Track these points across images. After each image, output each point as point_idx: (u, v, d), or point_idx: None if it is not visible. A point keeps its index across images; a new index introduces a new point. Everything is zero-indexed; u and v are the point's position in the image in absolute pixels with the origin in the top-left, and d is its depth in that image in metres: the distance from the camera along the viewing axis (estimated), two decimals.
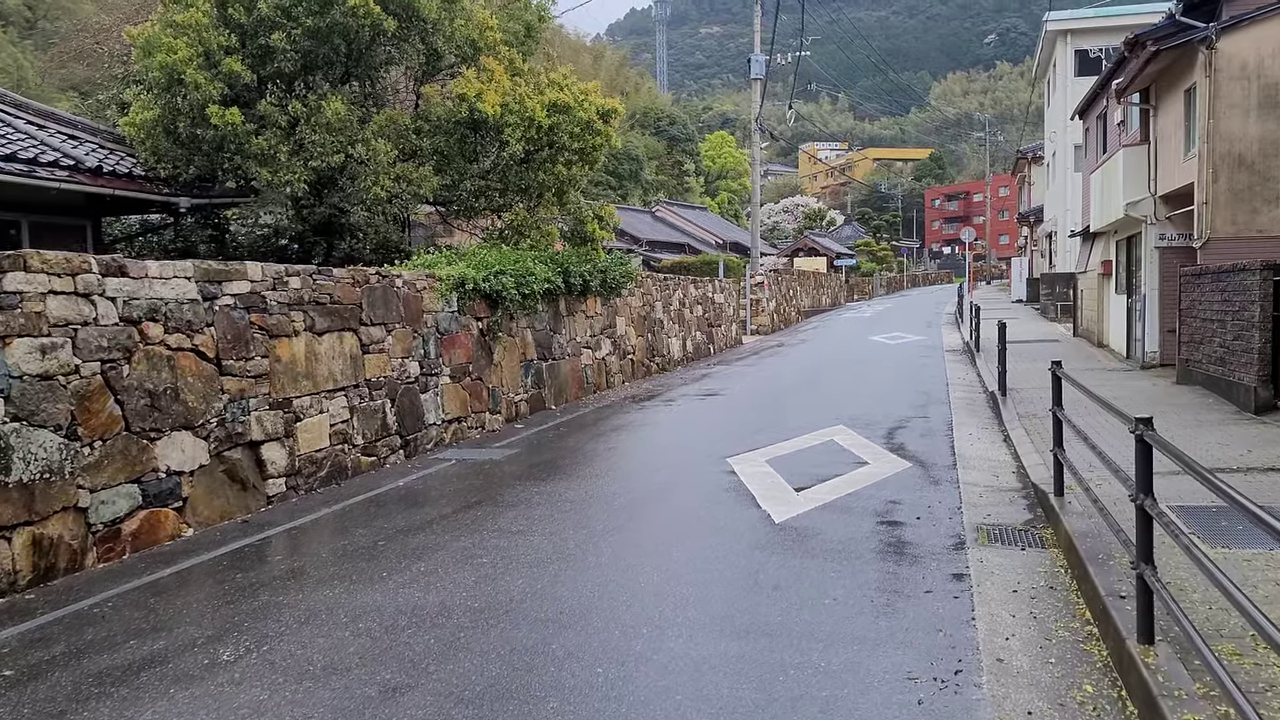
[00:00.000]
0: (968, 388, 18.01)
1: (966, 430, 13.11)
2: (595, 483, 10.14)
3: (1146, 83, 19.55)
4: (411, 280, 12.15)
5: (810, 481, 9.88)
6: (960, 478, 10.06)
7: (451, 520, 8.66)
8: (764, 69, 42.35)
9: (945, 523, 8.21)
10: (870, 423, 13.82)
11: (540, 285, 15.22)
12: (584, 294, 17.62)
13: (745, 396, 17.46)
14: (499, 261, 14.37)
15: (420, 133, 16.62)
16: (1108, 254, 24.46)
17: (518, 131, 16.36)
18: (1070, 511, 7.82)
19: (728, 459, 11.26)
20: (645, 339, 21.44)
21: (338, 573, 7.15)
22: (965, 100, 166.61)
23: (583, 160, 17.41)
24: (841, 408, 15.46)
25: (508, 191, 17.23)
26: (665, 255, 52.60)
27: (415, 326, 12.14)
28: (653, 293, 22.25)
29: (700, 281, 27.15)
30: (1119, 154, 20.73)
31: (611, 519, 8.54)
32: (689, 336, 25.22)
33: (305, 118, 15.51)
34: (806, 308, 47.76)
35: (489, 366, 14.04)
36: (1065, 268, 39.45)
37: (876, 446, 11.92)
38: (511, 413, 14.73)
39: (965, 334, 30.59)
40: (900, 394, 17.13)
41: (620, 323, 19.79)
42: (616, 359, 19.47)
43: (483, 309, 13.89)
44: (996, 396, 15.64)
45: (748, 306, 36.47)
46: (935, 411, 14.96)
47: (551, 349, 16.33)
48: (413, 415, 11.96)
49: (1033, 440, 11.75)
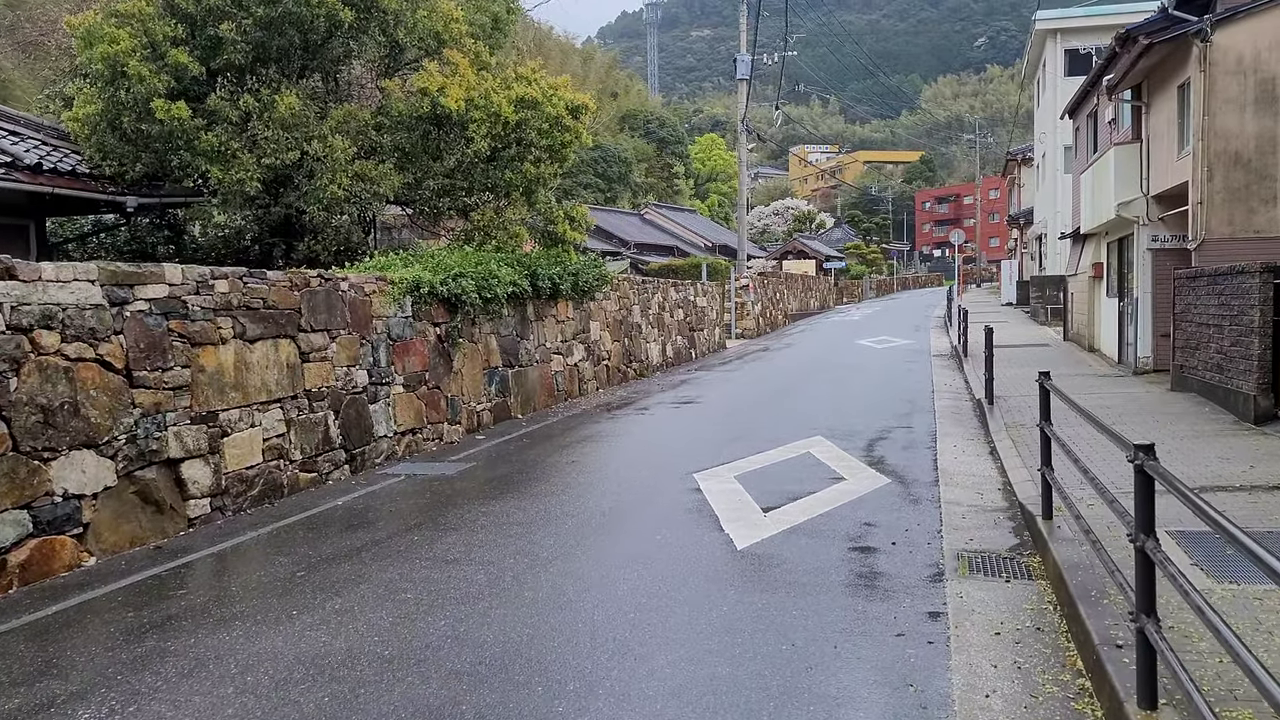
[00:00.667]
0: (954, 395, 17.30)
1: (951, 442, 12.40)
2: (548, 501, 9.39)
3: (1138, 79, 18.88)
4: (359, 283, 11.39)
5: (780, 501, 9.15)
6: (942, 496, 9.34)
7: (385, 546, 7.90)
8: (749, 69, 41.89)
9: (923, 549, 7.49)
10: (850, 433, 13.10)
11: (505, 288, 14.48)
12: (554, 298, 16.88)
13: (722, 404, 16.73)
14: (459, 264, 13.62)
15: (381, 129, 15.86)
16: (1099, 256, 23.80)
17: (483, 128, 15.61)
18: (1060, 538, 7.10)
19: (695, 474, 10.53)
20: (622, 344, 20.71)
21: (243, 610, 6.40)
22: (956, 103, 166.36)
23: (552, 158, 16.66)
24: (822, 417, 14.74)
25: (474, 191, 16.47)
26: (654, 258, 51.93)
27: (363, 333, 11.38)
28: (630, 296, 21.51)
29: (681, 284, 26.43)
30: (1110, 153, 20.06)
31: (558, 544, 7.79)
32: (669, 341, 24.49)
33: (258, 113, 14.74)
34: (794, 311, 47.08)
35: (448, 374, 13.29)
36: (1055, 270, 38.86)
37: (855, 460, 11.19)
38: (473, 423, 13.98)
39: (953, 338, 29.92)
40: (884, 402, 16.42)
41: (594, 327, 19.05)
42: (590, 365, 18.73)
43: (441, 314, 13.14)
44: (983, 405, 14.95)
45: (732, 310, 35.76)
46: (919, 421, 14.25)
47: (518, 355, 15.58)
48: (359, 427, 11.20)
49: (1020, 453, 11.04)
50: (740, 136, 44.56)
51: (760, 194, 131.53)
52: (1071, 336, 27.38)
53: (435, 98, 15.26)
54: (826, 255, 73.34)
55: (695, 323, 27.19)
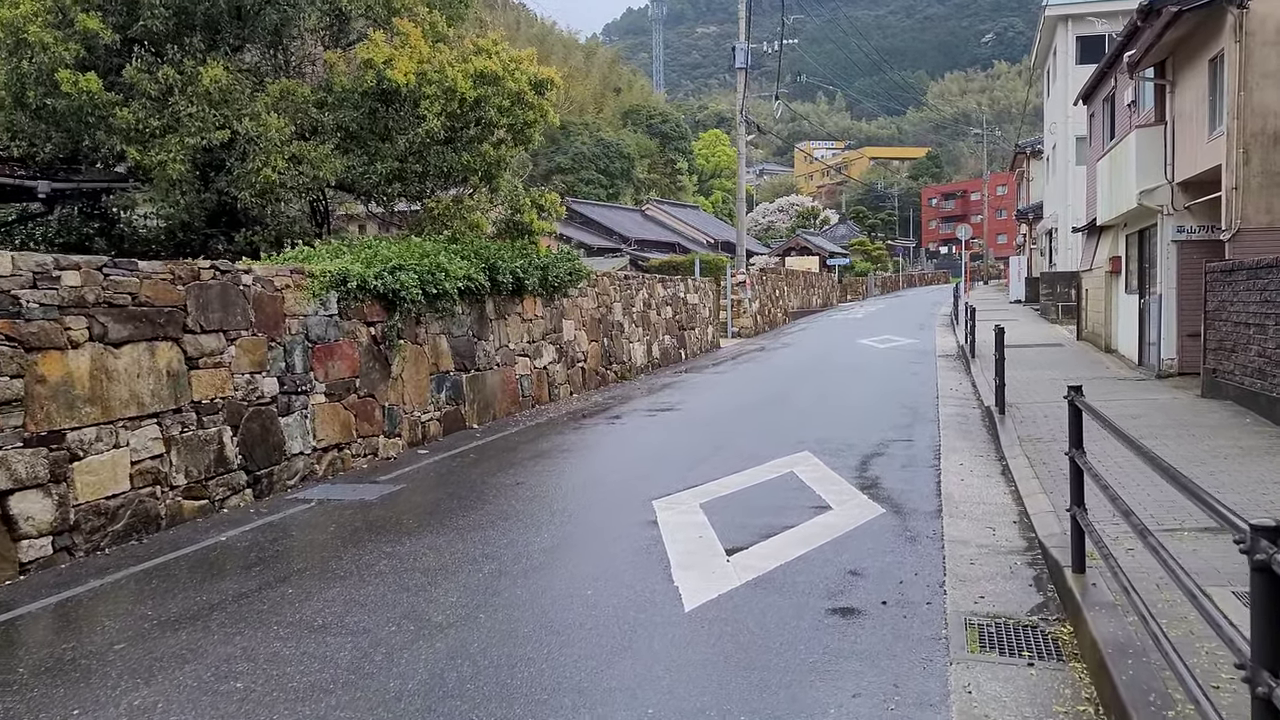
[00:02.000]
0: (961, 401, 15.68)
1: (957, 459, 10.78)
2: (471, 539, 7.79)
3: (1163, 54, 17.22)
4: (267, 277, 9.79)
5: (750, 538, 7.55)
6: (946, 532, 7.73)
7: (247, 602, 6.32)
8: (747, 58, 40.52)
9: (921, 611, 5.88)
10: (843, 448, 11.49)
11: (456, 284, 12.88)
12: (519, 294, 15.27)
13: (703, 412, 15.12)
14: (400, 255, 12.03)
15: (323, 106, 14.28)
16: (1116, 250, 22.14)
17: (436, 104, 14.03)
18: (1096, 602, 5.49)
19: (655, 501, 8.92)
20: (600, 344, 19.10)
21: (9, 708, 4.82)
22: (963, 100, 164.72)
23: (515, 139, 15.06)
24: (812, 427, 13.14)
25: (429, 176, 14.87)
26: (654, 254, 50.39)
27: (273, 334, 9.78)
28: (610, 293, 19.91)
29: (670, 281, 24.80)
30: (1131, 137, 18.40)
31: (461, 603, 6.20)
32: (655, 341, 22.88)
33: (180, 86, 13.18)
34: (795, 308, 45.44)
35: (384, 381, 11.69)
36: (1066, 266, 37.30)
37: (845, 483, 9.59)
38: (416, 435, 12.38)
39: (960, 337, 28.28)
40: (883, 409, 14.81)
41: (568, 326, 17.45)
42: (563, 368, 17.13)
43: (375, 312, 11.54)
44: (993, 414, 13.33)
45: (728, 308, 34.14)
46: (921, 432, 12.64)
47: (475, 358, 13.99)
48: (266, 445, 9.60)
49: (1038, 474, 9.43)
50: (739, 128, 43.12)
51: (765, 191, 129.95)
52: (1086, 336, 25.73)
53: (381, 71, 13.68)
54: (830, 252, 71.66)
55: (686, 321, 25.57)
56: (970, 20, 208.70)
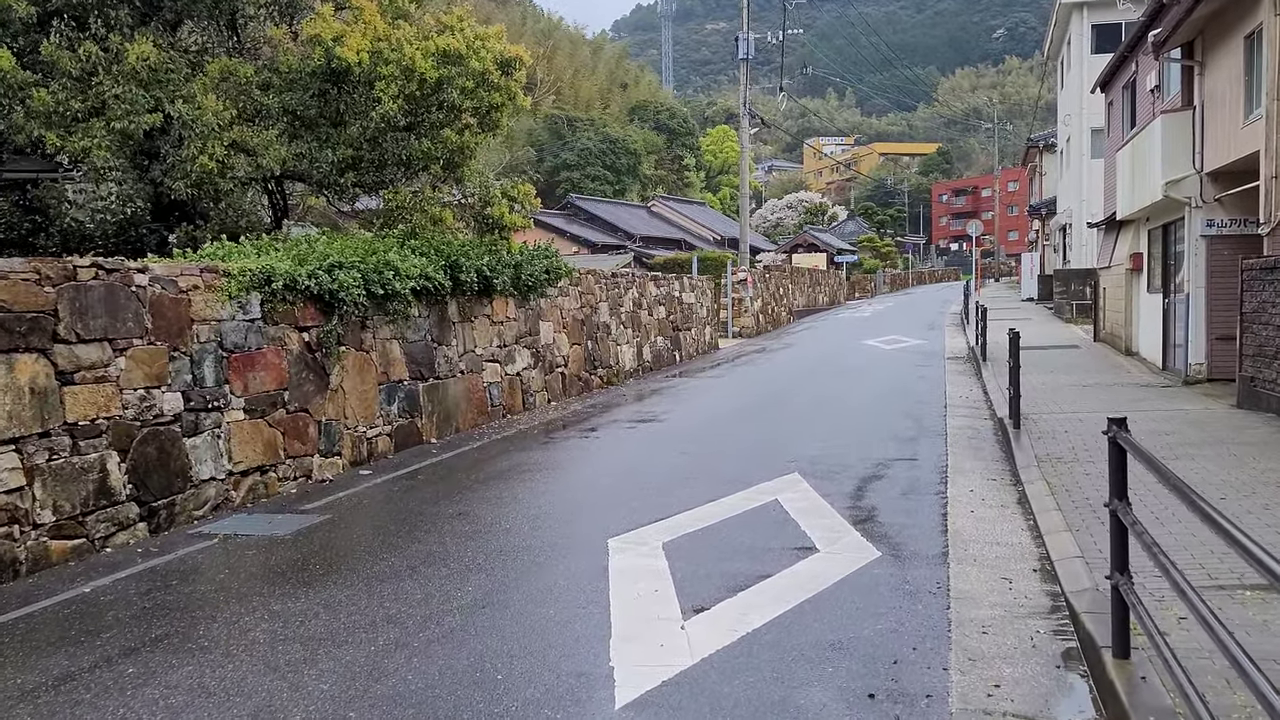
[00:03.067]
0: (971, 410, 14.34)
1: (967, 484, 9.44)
2: (380, 592, 6.48)
3: (1192, 32, 15.81)
4: (168, 277, 8.49)
5: (714, 593, 6.23)
6: (953, 584, 6.40)
7: (65, 690, 5.02)
8: (751, 48, 39.49)
9: (919, 710, 4.56)
10: (837, 469, 10.16)
11: (408, 283, 11.58)
12: (487, 294, 13.96)
13: (688, 423, 13.79)
14: (340, 252, 10.72)
15: (268, 88, 12.99)
16: (1137, 246, 20.74)
17: (393, 86, 12.72)
18: (1150, 710, 4.15)
19: (614, 539, 7.61)
20: (583, 347, 17.78)
21: None
22: (973, 95, 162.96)
23: (481, 125, 13.74)
24: (806, 442, 11.81)
25: (386, 165, 13.56)
26: (660, 252, 49.17)
27: (176, 342, 8.48)
28: (595, 292, 18.58)
29: (663, 279, 23.47)
30: (1156, 123, 17.00)
31: (330, 693, 4.88)
32: (646, 343, 21.55)
33: (105, 65, 11.91)
34: (801, 307, 44.06)
35: (321, 393, 10.39)
36: (1081, 263, 35.94)
37: (836, 515, 8.26)
38: (360, 453, 11.07)
39: (970, 337, 26.91)
40: (885, 420, 13.47)
41: (545, 329, 16.13)
42: (539, 373, 15.81)
43: (310, 315, 10.24)
44: (1007, 426, 11.99)
45: (729, 306, 32.79)
46: (927, 449, 11.29)
47: (434, 365, 12.68)
48: (166, 471, 8.30)
49: (1060, 505, 8.08)
50: (743, 120, 42.00)
51: (774, 188, 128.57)
52: (1104, 337, 24.32)
53: (330, 49, 12.38)
54: (838, 249, 70.23)
55: (681, 321, 24.23)
56: (981, 15, 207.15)
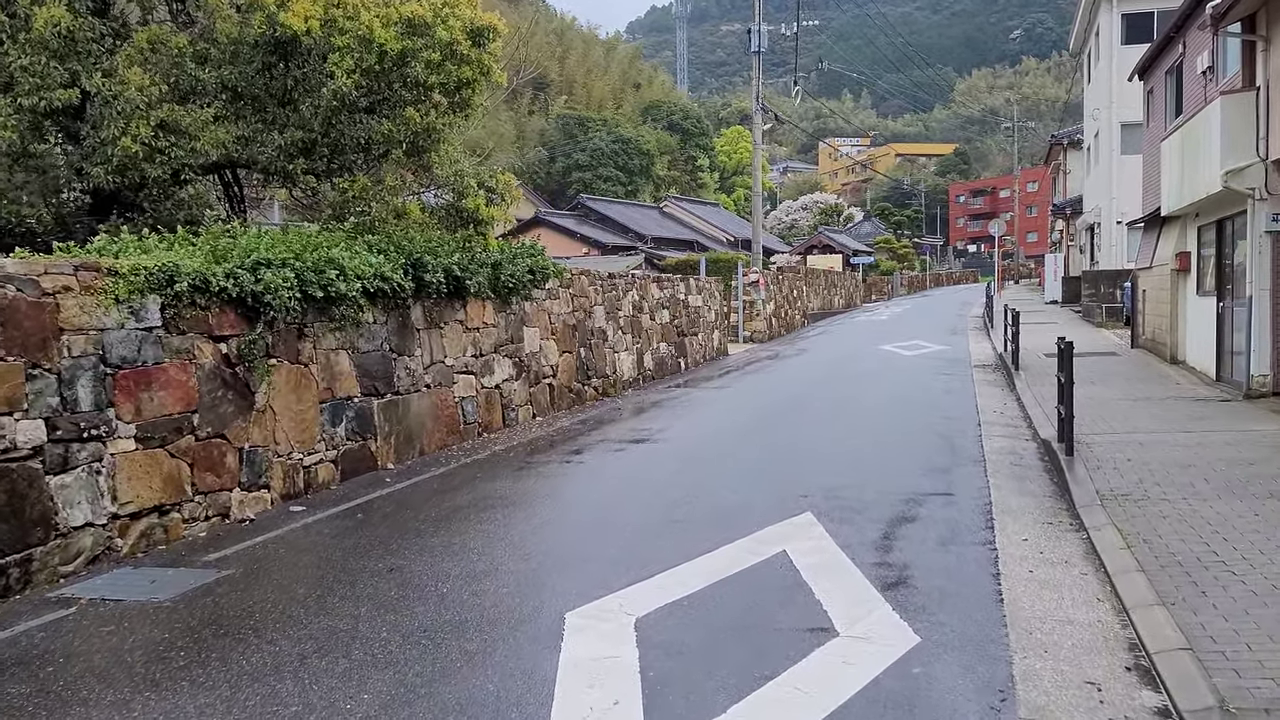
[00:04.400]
0: (1009, 429, 12.61)
1: (1018, 530, 7.71)
2: (244, 699, 4.79)
3: (1256, 3, 14.06)
4: (25, 276, 6.83)
5: (696, 711, 4.55)
6: (1020, 692, 4.69)
7: None
8: (763, 40, 37.92)
9: None
10: (857, 506, 8.46)
11: (358, 284, 9.93)
12: (458, 297, 12.30)
13: (686, 443, 12.09)
14: (270, 247, 9.08)
15: (205, 61, 11.36)
16: (1184, 244, 18.94)
17: (348, 59, 11.07)
18: None
19: (572, 612, 5.93)
20: (575, 356, 16.10)
21: None
22: (990, 96, 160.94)
23: (451, 105, 12.08)
24: (820, 467, 10.11)
25: (343, 150, 11.91)
26: (672, 253, 47.57)
27: (37, 356, 6.83)
28: (590, 295, 16.90)
29: (667, 280, 21.77)
30: (1213, 106, 15.20)
31: None
32: (649, 349, 19.86)
33: (10, 33, 10.31)
34: (816, 310, 42.30)
35: (243, 415, 8.73)
36: (1111, 264, 34.16)
37: (858, 574, 6.56)
38: (295, 484, 9.41)
39: (997, 342, 25.14)
40: (912, 441, 11.75)
41: (530, 336, 14.46)
42: (522, 385, 14.14)
43: (229, 322, 8.59)
44: (1053, 449, 10.26)
45: (740, 310, 31.06)
46: (964, 480, 9.57)
47: (392, 379, 11.02)
48: (18, 519, 6.63)
49: (1140, 561, 6.36)
50: (755, 116, 40.42)
51: (789, 189, 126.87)
52: (1143, 343, 22.50)
53: (273, 14, 10.74)
54: (854, 250, 68.40)
55: (686, 326, 22.52)
56: (998, 16, 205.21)
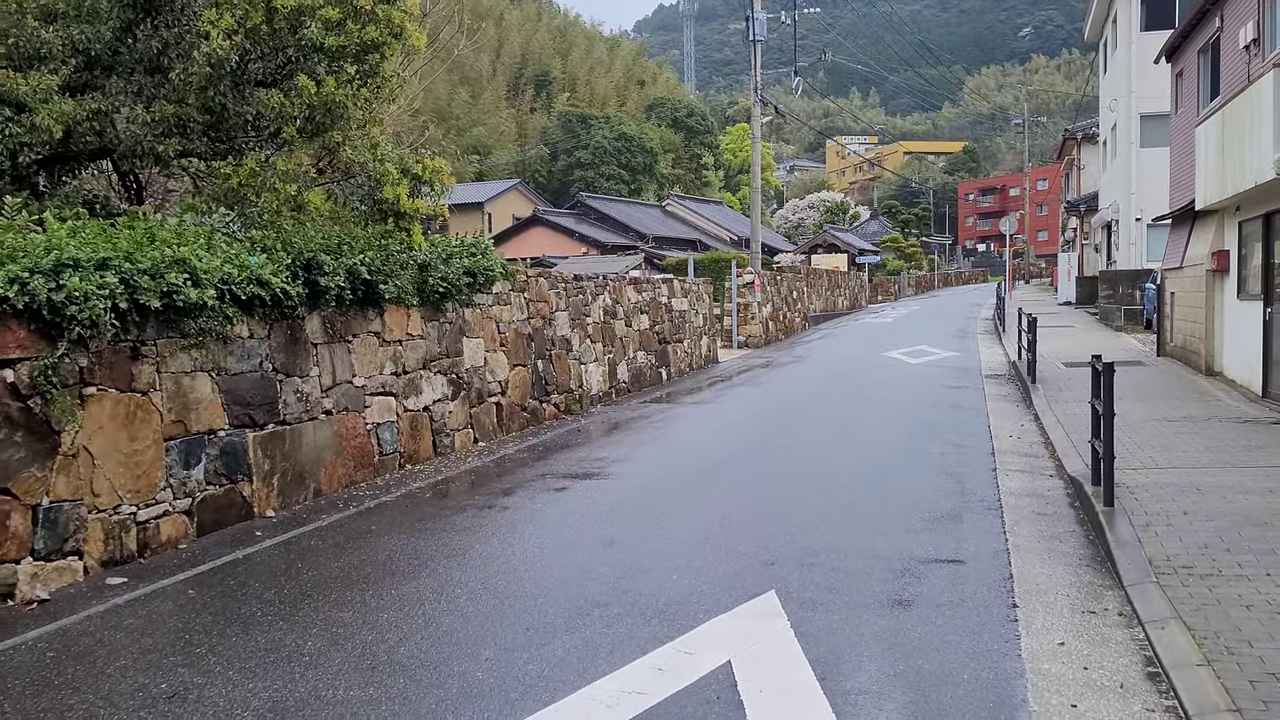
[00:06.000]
0: (1028, 461, 10.57)
1: (1051, 626, 5.65)
2: None
3: None
4: None
5: None
6: None
7: None
8: (763, 29, 36.11)
9: None
10: (838, 581, 6.42)
11: (213, 291, 7.93)
12: (372, 304, 10.28)
13: (641, 481, 10.05)
14: (86, 244, 7.08)
15: (53, 18, 9.38)
16: (1221, 242, 16.87)
17: (227, 16, 9.10)
18: None
19: None
20: (530, 369, 14.08)
21: None
22: (1000, 95, 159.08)
23: (360, 74, 10.07)
24: (797, 517, 8.10)
25: (226, 128, 9.90)
26: (673, 252, 45.77)
27: None
28: (549, 299, 14.88)
29: (646, 283, 19.72)
30: (1264, 82, 13.12)
31: None
32: (623, 360, 17.83)
33: None
34: (818, 312, 40.23)
35: (39, 462, 6.73)
36: (1128, 264, 32.16)
37: (825, 711, 4.54)
38: (124, 546, 7.38)
39: (1009, 348, 23.08)
40: (912, 477, 9.72)
41: (472, 348, 12.46)
42: (461, 406, 12.13)
43: (17, 342, 6.58)
44: (1090, 498, 8.22)
45: (734, 313, 29.04)
46: (975, 538, 7.53)
47: (276, 405, 9.02)
48: None
49: (1228, 686, 4.30)
50: (755, 108, 38.55)
51: (795, 187, 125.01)
52: (1171, 351, 20.42)
53: None
54: (860, 249, 66.31)
55: (669, 333, 20.49)
56: (1007, 14, 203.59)
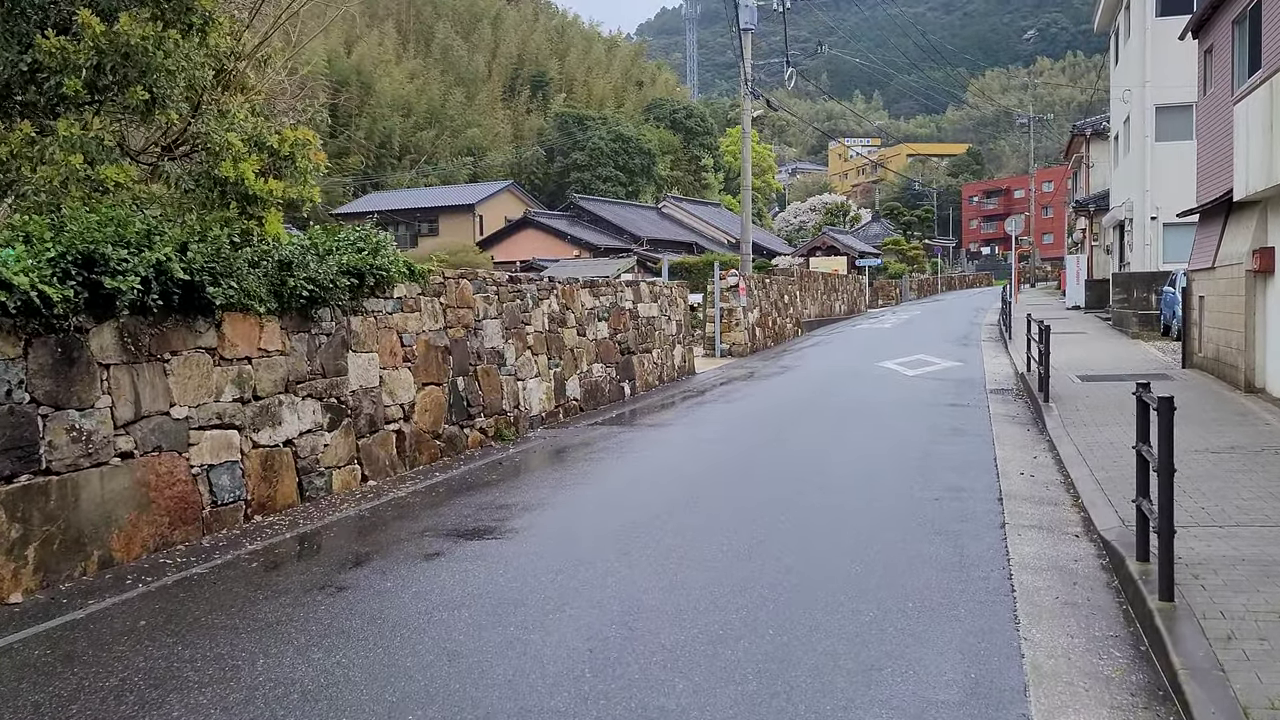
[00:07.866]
0: (1046, 513, 8.21)
1: None
2: None
3: None
4: None
5: None
6: None
7: None
8: (753, 16, 34.29)
9: None
10: None
11: None
12: (199, 311, 7.95)
13: (545, 548, 7.68)
14: None
15: None
16: (1265, 238, 14.52)
17: None
18: None
19: None
20: (446, 388, 11.75)
21: None
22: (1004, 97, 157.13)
23: (176, 10, 7.74)
24: (740, 617, 5.73)
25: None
26: (668, 255, 43.59)
27: None
28: (474, 304, 12.55)
29: (605, 286, 17.35)
30: None
31: None
32: (573, 374, 15.48)
33: None
34: (813, 317, 37.88)
35: None
36: (1143, 265, 29.82)
37: None
38: None
39: (1016, 357, 20.73)
40: (897, 542, 7.35)
41: (361, 364, 10.13)
42: (343, 438, 9.79)
43: None
44: (1135, 579, 5.87)
45: (717, 319, 26.69)
46: (973, 635, 5.17)
47: (34, 449, 6.67)
48: None
49: None
50: (744, 101, 36.83)
51: (797, 190, 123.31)
52: (1200, 362, 18.03)
53: None
54: (860, 251, 64.05)
55: (634, 342, 18.14)
56: (1011, 16, 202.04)
